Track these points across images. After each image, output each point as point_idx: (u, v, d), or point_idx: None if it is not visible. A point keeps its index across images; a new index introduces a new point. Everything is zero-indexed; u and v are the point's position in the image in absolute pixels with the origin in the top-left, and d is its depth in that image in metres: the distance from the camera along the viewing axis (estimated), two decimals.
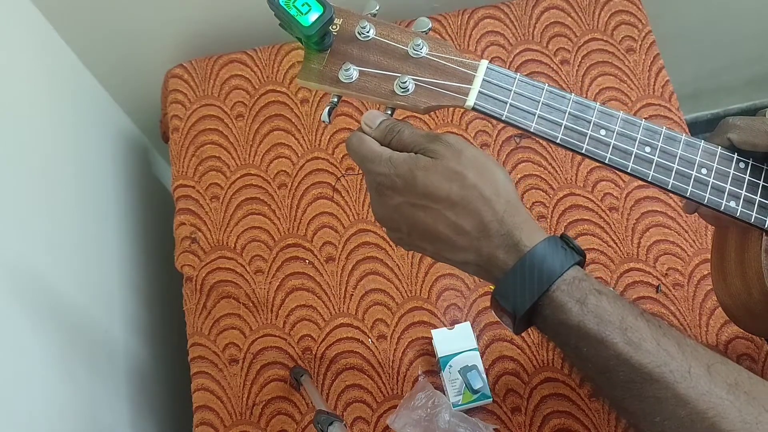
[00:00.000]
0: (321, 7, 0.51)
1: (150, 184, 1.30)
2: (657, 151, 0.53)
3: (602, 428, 0.86)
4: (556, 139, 0.54)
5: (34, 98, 0.96)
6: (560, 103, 0.55)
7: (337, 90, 0.55)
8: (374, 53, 0.55)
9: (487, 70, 0.54)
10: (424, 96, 0.54)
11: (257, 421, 0.90)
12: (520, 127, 0.54)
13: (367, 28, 0.56)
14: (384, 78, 0.54)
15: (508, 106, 0.54)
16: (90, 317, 0.97)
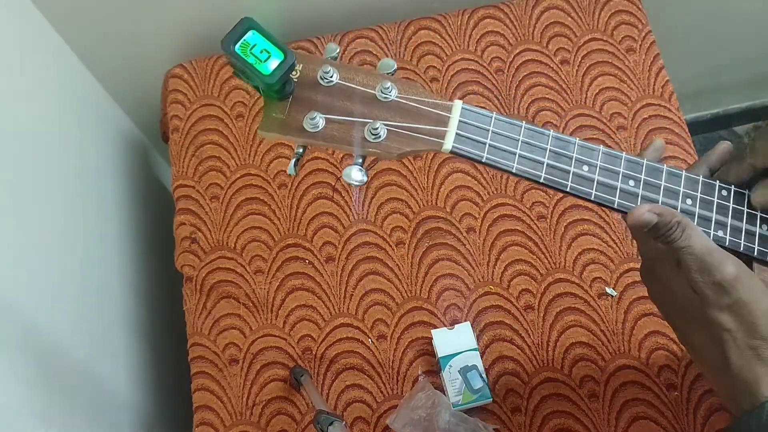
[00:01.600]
0: (281, 53, 0.47)
1: (150, 184, 1.30)
2: (641, 184, 0.52)
3: (602, 428, 0.86)
4: (539, 179, 0.51)
5: (34, 98, 0.96)
6: (540, 141, 0.52)
7: (302, 140, 0.51)
8: (340, 99, 0.51)
9: (462, 110, 0.51)
10: (397, 142, 0.50)
11: (257, 421, 0.90)
12: (501, 169, 0.51)
13: (330, 73, 0.51)
14: (353, 125, 0.50)
15: (488, 147, 0.51)
16: (89, 317, 0.97)
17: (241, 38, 0.48)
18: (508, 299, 0.93)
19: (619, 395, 0.87)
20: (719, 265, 0.49)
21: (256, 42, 0.47)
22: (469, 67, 1.07)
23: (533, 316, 0.92)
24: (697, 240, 0.50)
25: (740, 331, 0.50)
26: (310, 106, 0.50)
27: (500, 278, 0.94)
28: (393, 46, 1.10)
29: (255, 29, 0.48)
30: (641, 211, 0.50)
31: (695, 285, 0.50)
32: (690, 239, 0.50)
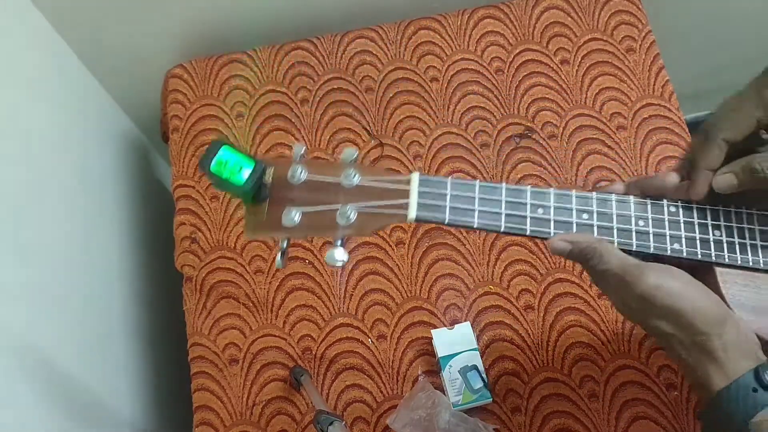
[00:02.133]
0: (251, 162, 0.53)
1: (150, 184, 1.30)
2: (594, 215, 0.56)
3: (602, 428, 0.86)
4: (500, 229, 0.55)
5: (34, 98, 0.96)
6: (494, 194, 0.56)
7: (284, 235, 0.56)
8: (311, 192, 0.56)
9: (420, 180, 0.56)
10: (367, 220, 0.55)
11: (257, 421, 0.90)
12: (464, 227, 0.56)
13: (299, 171, 0.56)
14: (325, 213, 0.55)
15: (448, 209, 0.55)
16: (89, 317, 0.97)
17: (215, 157, 0.52)
18: (508, 299, 0.93)
19: (619, 395, 0.87)
20: (637, 279, 0.51)
21: (228, 158, 0.52)
22: (469, 67, 1.07)
23: (533, 316, 0.92)
24: (613, 260, 0.53)
25: (680, 332, 0.52)
26: (285, 203, 0.55)
27: (500, 278, 0.94)
28: (393, 46, 1.10)
29: (226, 147, 0.53)
30: (554, 241, 0.55)
31: (625, 301, 0.53)
32: (607, 262, 0.53)
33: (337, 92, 1.07)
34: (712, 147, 0.56)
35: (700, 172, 0.56)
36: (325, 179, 0.56)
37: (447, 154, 1.02)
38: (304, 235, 0.56)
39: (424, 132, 1.04)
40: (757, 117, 0.54)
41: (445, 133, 1.03)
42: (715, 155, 0.56)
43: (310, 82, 1.08)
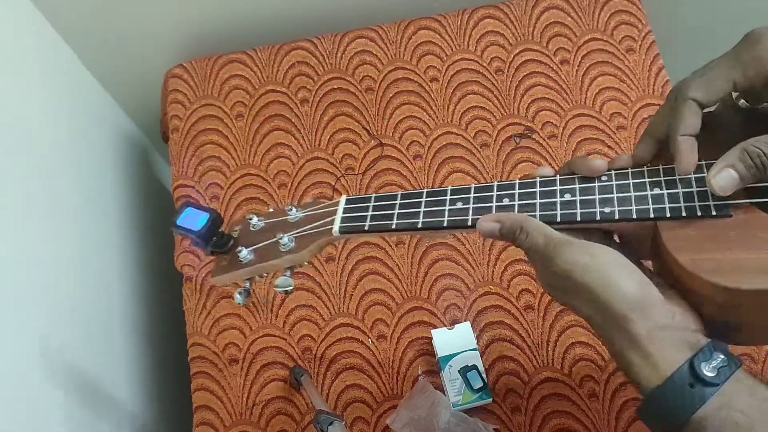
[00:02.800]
0: (208, 214, 0.62)
1: (150, 184, 1.30)
2: (516, 197, 0.55)
3: (602, 428, 0.86)
4: (417, 225, 0.57)
5: (35, 98, 0.96)
6: (415, 198, 0.59)
7: (241, 271, 0.63)
8: (263, 234, 0.64)
9: (346, 200, 0.62)
10: (303, 243, 0.61)
11: (257, 421, 0.90)
12: (384, 231, 0.59)
13: (254, 220, 0.65)
14: (271, 246, 0.62)
15: (369, 218, 0.59)
16: (89, 317, 0.97)
17: (181, 214, 0.62)
18: (508, 299, 0.93)
19: (619, 395, 0.87)
20: (555, 255, 0.49)
21: (190, 213, 0.62)
22: (469, 67, 1.07)
23: (533, 316, 0.92)
24: (539, 237, 0.51)
25: (597, 314, 0.49)
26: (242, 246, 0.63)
27: (500, 278, 0.94)
28: (393, 46, 1.10)
29: (190, 206, 0.62)
30: (481, 222, 0.54)
31: (548, 279, 0.52)
32: (532, 238, 0.51)
33: (337, 92, 1.07)
34: (683, 108, 0.51)
35: (680, 140, 0.51)
36: (274, 220, 0.64)
37: (447, 154, 1.02)
38: (257, 267, 0.62)
39: (424, 132, 1.04)
40: (734, 78, 0.50)
41: (445, 133, 1.03)
42: (689, 117, 0.50)
43: (310, 82, 1.08)
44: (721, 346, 0.47)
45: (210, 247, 0.64)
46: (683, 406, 0.45)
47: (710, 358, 0.45)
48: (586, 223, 0.52)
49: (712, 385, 0.45)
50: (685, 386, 0.45)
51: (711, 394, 0.45)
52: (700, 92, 0.51)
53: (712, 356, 0.45)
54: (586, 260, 0.48)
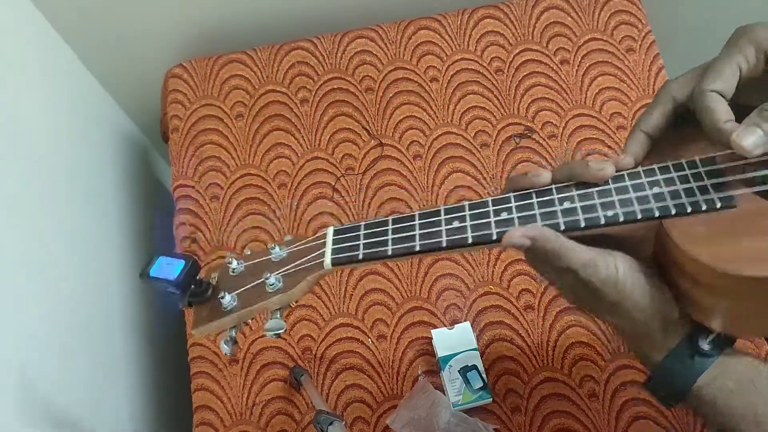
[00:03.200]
0: (183, 261, 0.58)
1: (150, 184, 1.30)
2: (514, 210, 0.54)
3: (602, 428, 0.86)
4: (414, 249, 0.54)
5: (35, 98, 0.96)
6: (409, 221, 0.56)
7: (226, 318, 0.59)
8: (245, 278, 0.60)
9: (335, 231, 0.58)
10: (293, 281, 0.57)
11: (257, 421, 0.90)
12: (380, 258, 0.56)
13: (234, 264, 0.61)
14: (256, 287, 0.58)
15: (362, 246, 0.56)
16: (89, 317, 0.97)
17: (153, 264, 0.58)
18: (508, 299, 0.93)
19: (619, 395, 0.87)
20: (591, 276, 0.50)
21: (163, 262, 0.58)
22: (469, 67, 1.07)
23: (533, 316, 0.92)
24: (574, 257, 0.50)
25: (627, 324, 0.53)
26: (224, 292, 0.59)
27: (500, 278, 0.94)
28: (393, 46, 1.10)
29: (162, 256, 0.58)
30: (512, 236, 0.51)
31: (579, 291, 0.53)
32: (566, 257, 0.50)
33: (337, 92, 1.07)
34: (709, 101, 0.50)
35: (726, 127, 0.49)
36: (257, 261, 0.60)
37: (447, 154, 1.02)
38: (244, 313, 0.59)
39: (424, 132, 1.04)
40: (737, 63, 0.51)
41: (445, 133, 1.03)
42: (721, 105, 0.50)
43: (310, 82, 1.08)
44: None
45: (188, 297, 0.59)
46: (685, 375, 0.51)
47: (706, 334, 0.51)
48: (590, 228, 0.52)
49: (709, 356, 0.51)
50: (685, 359, 0.51)
51: (709, 365, 0.51)
52: (716, 83, 0.51)
53: (708, 333, 0.51)
54: (616, 279, 0.50)
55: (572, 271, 0.51)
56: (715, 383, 0.50)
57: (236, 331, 0.61)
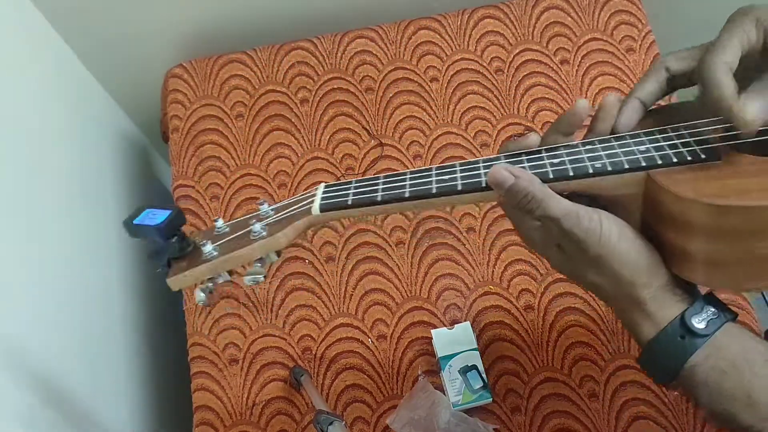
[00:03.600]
0: (168, 210, 0.56)
1: (150, 184, 1.30)
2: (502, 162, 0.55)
3: (602, 428, 0.86)
4: (404, 194, 0.55)
5: (34, 98, 0.96)
6: (400, 176, 0.57)
7: (204, 267, 0.56)
8: (229, 233, 0.58)
9: (326, 186, 0.58)
10: (277, 227, 0.56)
11: (257, 421, 0.90)
12: (369, 204, 0.55)
13: (219, 223, 0.59)
14: (240, 237, 0.56)
15: (352, 193, 0.56)
16: (89, 317, 0.97)
17: (139, 215, 0.56)
18: (508, 299, 0.93)
19: (619, 395, 0.87)
20: (574, 226, 0.50)
21: (151, 214, 0.55)
22: (469, 67, 1.07)
23: (533, 316, 0.92)
24: (555, 205, 0.51)
25: (608, 283, 0.52)
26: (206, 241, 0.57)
27: (500, 278, 0.94)
28: (393, 46, 1.10)
29: (149, 208, 0.56)
30: (497, 168, 0.52)
31: (561, 248, 0.53)
32: (548, 207, 0.51)
33: (337, 92, 1.07)
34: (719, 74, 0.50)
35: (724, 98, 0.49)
36: (245, 218, 0.59)
37: (447, 154, 1.02)
38: (224, 261, 0.56)
39: (424, 132, 1.04)
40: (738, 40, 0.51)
41: (445, 133, 1.03)
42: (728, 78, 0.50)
43: (310, 82, 1.08)
44: (713, 300, 0.51)
45: (169, 250, 0.56)
46: (675, 356, 0.50)
47: (701, 311, 0.50)
48: (579, 178, 0.52)
49: (701, 336, 0.50)
50: (676, 338, 0.50)
51: (700, 345, 0.50)
52: (726, 56, 0.50)
53: (702, 310, 0.50)
54: (599, 230, 0.50)
55: (554, 219, 0.51)
56: (708, 362, 0.50)
57: (214, 283, 0.57)
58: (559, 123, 0.55)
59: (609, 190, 0.53)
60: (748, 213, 0.47)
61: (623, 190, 0.53)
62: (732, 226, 0.48)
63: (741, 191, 0.48)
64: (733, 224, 0.48)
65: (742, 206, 0.47)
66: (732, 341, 0.50)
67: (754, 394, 0.49)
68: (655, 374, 0.53)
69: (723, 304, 0.52)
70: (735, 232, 0.48)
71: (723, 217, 0.47)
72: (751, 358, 0.49)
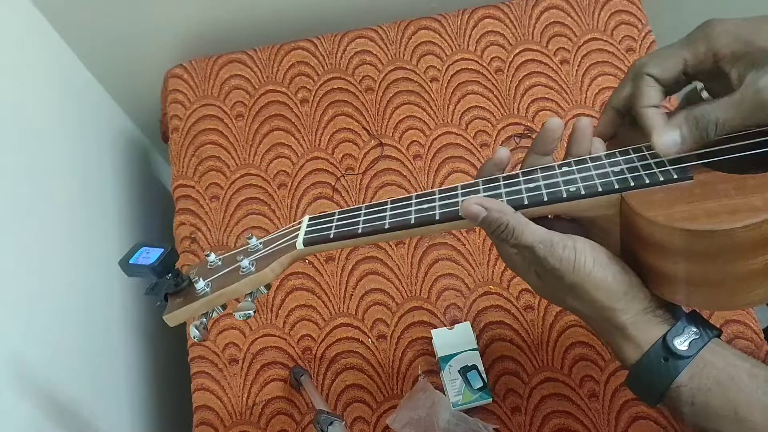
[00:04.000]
0: (161, 249, 0.58)
1: (150, 184, 1.30)
2: (481, 191, 0.56)
3: (602, 428, 0.86)
4: (384, 226, 0.57)
5: (34, 98, 0.96)
6: (381, 206, 0.59)
7: (196, 303, 0.59)
8: (221, 268, 0.61)
9: (310, 218, 0.61)
10: (264, 263, 0.59)
11: (257, 421, 0.90)
12: (350, 236, 0.57)
13: (212, 257, 0.62)
14: (230, 273, 0.59)
15: (334, 227, 0.58)
16: (89, 317, 0.97)
17: (134, 255, 0.58)
18: (508, 299, 0.93)
19: (619, 395, 0.87)
20: (548, 254, 0.51)
21: (145, 252, 0.58)
22: (469, 67, 1.07)
23: (533, 316, 0.92)
24: (529, 234, 0.51)
25: (586, 308, 0.52)
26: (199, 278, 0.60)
27: (500, 278, 0.94)
28: (393, 46, 1.10)
29: (143, 246, 0.59)
30: (468, 203, 0.53)
31: (538, 274, 0.53)
32: (522, 235, 0.51)
33: (337, 92, 1.07)
34: (641, 83, 0.53)
35: (645, 112, 0.53)
36: (235, 251, 0.62)
37: (447, 154, 1.02)
38: (216, 296, 0.59)
39: (424, 132, 1.04)
40: (684, 56, 0.52)
41: (445, 133, 1.03)
42: (648, 90, 0.53)
43: (310, 82, 1.08)
44: (696, 319, 0.51)
45: (165, 288, 0.60)
46: (659, 378, 0.50)
47: (683, 332, 0.50)
48: (553, 203, 0.53)
49: (684, 357, 0.50)
50: (659, 360, 0.50)
51: (684, 366, 0.50)
52: (656, 69, 0.53)
53: (684, 330, 0.50)
54: (573, 258, 0.51)
55: (527, 248, 0.51)
56: (693, 383, 0.50)
57: (208, 318, 0.61)
58: (535, 144, 0.56)
59: (586, 212, 0.54)
60: (717, 237, 0.47)
61: (599, 212, 0.53)
62: (704, 248, 0.48)
63: (710, 214, 0.48)
64: (704, 247, 0.48)
65: (709, 230, 0.47)
66: (716, 359, 0.50)
67: (741, 411, 0.49)
68: (642, 396, 0.53)
69: (706, 322, 0.52)
70: (708, 255, 0.48)
71: (694, 241, 0.48)
72: (735, 374, 0.49)
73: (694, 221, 0.48)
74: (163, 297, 0.60)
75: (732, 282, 0.50)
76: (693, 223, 0.47)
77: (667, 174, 0.51)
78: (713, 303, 0.52)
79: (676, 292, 0.51)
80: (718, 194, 0.49)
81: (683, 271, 0.50)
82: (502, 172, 0.57)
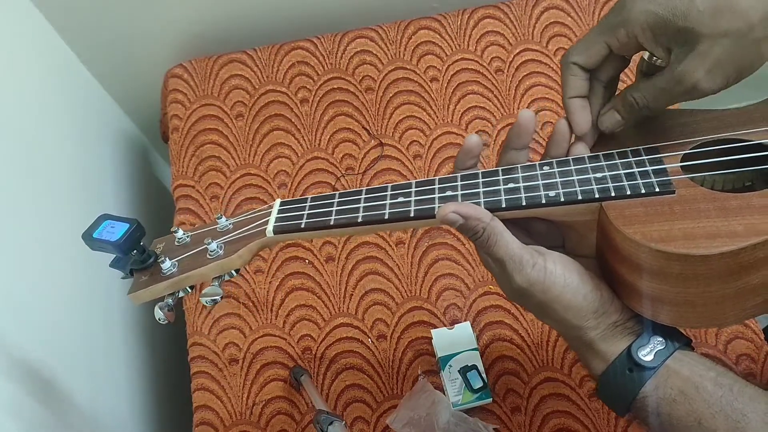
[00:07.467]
0: (127, 223, 0.57)
1: (150, 184, 1.30)
2: (459, 188, 0.54)
3: (602, 428, 0.86)
4: (357, 219, 0.55)
5: (34, 98, 0.96)
6: (355, 195, 0.57)
7: (163, 284, 0.57)
8: (189, 246, 0.59)
9: (281, 203, 0.59)
10: (233, 248, 0.57)
11: (257, 421, 0.90)
12: (322, 228, 0.56)
13: (179, 234, 0.60)
14: (196, 254, 0.58)
15: (305, 216, 0.57)
16: (90, 316, 0.97)
17: (98, 228, 0.56)
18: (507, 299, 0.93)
19: None
20: (515, 272, 0.50)
21: (108, 225, 0.56)
22: (469, 67, 1.07)
23: (533, 316, 0.92)
24: (499, 248, 0.51)
25: (558, 325, 0.53)
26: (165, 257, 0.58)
27: None
28: (393, 46, 1.10)
29: (108, 219, 0.57)
30: (445, 210, 0.51)
31: (511, 285, 0.52)
32: (494, 245, 0.51)
33: (337, 92, 1.07)
34: (566, 73, 0.54)
35: (568, 103, 0.54)
36: (205, 230, 0.60)
37: (447, 154, 1.02)
38: (182, 278, 0.57)
39: (424, 132, 1.04)
40: (606, 41, 0.52)
41: (445, 133, 1.03)
42: (572, 80, 0.54)
43: (310, 82, 1.08)
44: (663, 328, 0.51)
45: (130, 263, 0.57)
46: (625, 389, 0.50)
47: (648, 343, 0.50)
48: (531, 207, 0.52)
49: (648, 368, 0.50)
50: (624, 372, 0.50)
51: (648, 377, 0.50)
52: (580, 56, 0.54)
53: (650, 341, 0.50)
54: (542, 279, 0.50)
55: (498, 261, 0.51)
56: (657, 393, 0.50)
57: (174, 298, 0.59)
58: (509, 140, 0.55)
59: (563, 217, 0.53)
60: (692, 261, 0.47)
61: (577, 218, 0.53)
62: (678, 271, 0.48)
63: (688, 236, 0.47)
64: (678, 270, 0.47)
65: (684, 254, 0.46)
66: (681, 368, 0.50)
67: (705, 421, 0.48)
68: (610, 407, 0.53)
69: (674, 332, 0.51)
70: (681, 277, 0.48)
71: (668, 263, 0.47)
72: (700, 384, 0.49)
73: (670, 243, 0.47)
74: (128, 272, 0.58)
75: (704, 304, 0.49)
76: (669, 245, 0.47)
77: (649, 186, 0.51)
78: (681, 321, 0.52)
79: (644, 306, 0.51)
80: (698, 214, 0.49)
81: (655, 289, 0.49)
82: (476, 159, 0.56)
